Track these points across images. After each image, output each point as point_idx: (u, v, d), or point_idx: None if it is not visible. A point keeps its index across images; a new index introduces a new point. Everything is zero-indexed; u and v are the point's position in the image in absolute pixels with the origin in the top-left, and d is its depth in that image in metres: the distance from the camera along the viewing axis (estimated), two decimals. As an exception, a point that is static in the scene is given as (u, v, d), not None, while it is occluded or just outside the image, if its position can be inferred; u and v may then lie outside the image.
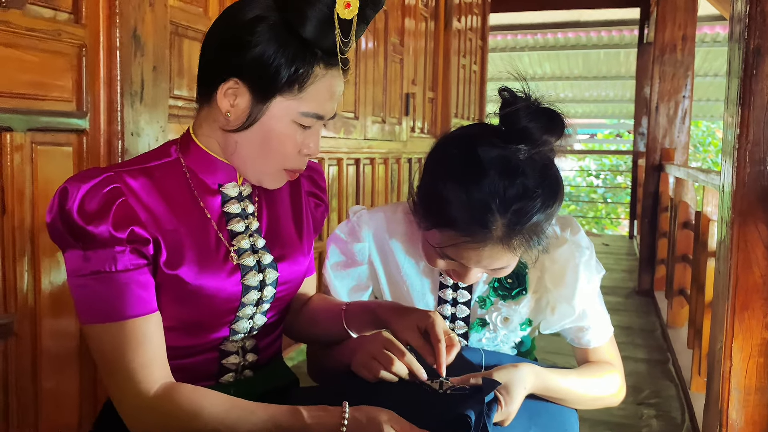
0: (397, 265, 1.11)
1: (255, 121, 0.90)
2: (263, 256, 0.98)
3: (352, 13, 0.86)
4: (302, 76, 0.88)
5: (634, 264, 5.28)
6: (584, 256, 1.05)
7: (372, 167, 3.61)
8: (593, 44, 7.92)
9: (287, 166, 0.94)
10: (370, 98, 3.43)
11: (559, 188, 0.92)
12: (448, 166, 0.92)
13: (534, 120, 0.89)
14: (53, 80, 1.45)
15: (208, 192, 0.96)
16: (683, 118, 3.96)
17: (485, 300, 1.08)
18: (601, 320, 1.11)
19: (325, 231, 3.04)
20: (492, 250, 0.90)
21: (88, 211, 0.83)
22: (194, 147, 0.95)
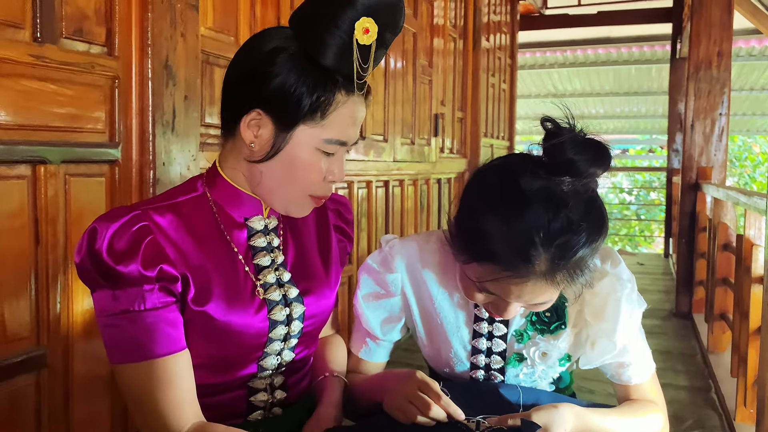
0: (431, 297, 1.08)
1: (279, 150, 0.90)
2: (289, 290, 0.98)
3: (371, 39, 0.87)
4: (324, 103, 0.88)
5: (670, 284, 5.14)
6: (626, 289, 1.01)
7: (401, 189, 3.58)
8: (624, 60, 7.82)
9: (313, 193, 0.94)
10: (399, 120, 3.42)
11: (604, 221, 0.89)
12: (488, 198, 0.89)
13: (580, 152, 0.86)
14: (87, 112, 1.47)
15: (234, 226, 0.96)
16: (720, 135, 3.86)
17: (523, 334, 1.05)
18: (643, 356, 1.07)
19: (355, 252, 3.02)
20: (535, 285, 0.87)
21: (118, 251, 0.83)
22: (220, 180, 0.96)
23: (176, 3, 1.65)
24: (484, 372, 1.07)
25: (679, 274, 4.14)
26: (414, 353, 1.21)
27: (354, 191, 2.99)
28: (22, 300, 1.34)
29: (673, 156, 6.59)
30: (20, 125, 1.30)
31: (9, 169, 1.29)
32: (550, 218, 0.84)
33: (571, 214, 0.84)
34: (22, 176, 1.32)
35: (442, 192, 4.26)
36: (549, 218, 0.84)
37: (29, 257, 1.35)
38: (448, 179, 4.32)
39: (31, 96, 1.31)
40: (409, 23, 3.47)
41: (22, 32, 1.30)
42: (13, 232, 1.31)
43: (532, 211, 0.84)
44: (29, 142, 1.31)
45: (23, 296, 1.34)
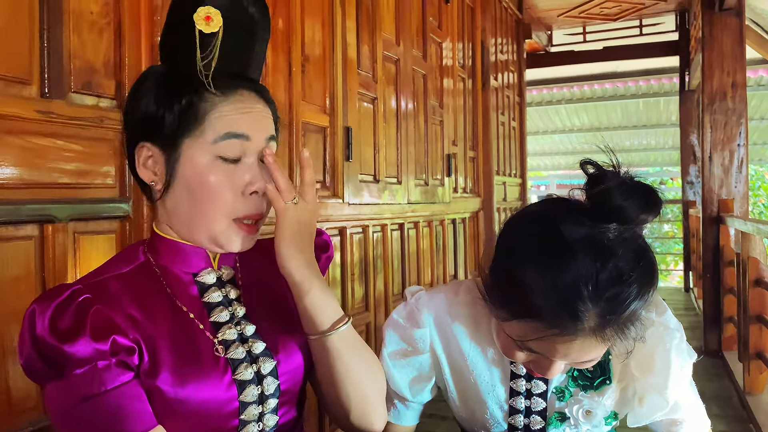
0: (462, 353, 1.01)
1: (174, 173, 0.84)
2: (254, 345, 0.87)
3: (215, 26, 0.81)
4: (189, 108, 0.82)
5: (695, 320, 4.99)
6: (675, 339, 0.94)
7: (416, 230, 3.51)
8: (631, 94, 7.83)
9: (235, 215, 0.85)
10: (412, 161, 3.38)
11: (655, 271, 0.82)
12: (527, 249, 0.82)
13: (629, 198, 0.79)
14: (96, 167, 1.42)
15: (182, 285, 0.86)
16: (740, 167, 3.79)
17: (564, 391, 0.97)
18: (697, 412, 0.99)
19: (371, 296, 2.93)
20: (583, 342, 0.80)
21: (62, 329, 0.73)
22: (158, 239, 0.88)
23: (187, 53, 1.61)
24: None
25: (705, 311, 4.01)
26: (436, 403, 1.10)
27: (369, 234, 2.92)
28: (28, 367, 1.26)
29: (687, 188, 6.51)
30: (27, 183, 1.24)
31: (15, 229, 1.23)
32: (598, 269, 0.77)
33: (621, 263, 0.78)
34: (28, 237, 1.26)
35: (457, 232, 4.18)
36: (597, 269, 0.77)
37: (36, 321, 1.27)
38: (462, 219, 4.25)
39: (38, 153, 1.26)
40: (418, 65, 3.46)
41: (29, 88, 1.26)
42: (20, 294, 1.24)
43: (578, 262, 0.77)
44: (36, 201, 1.26)
45: (29, 363, 1.26)
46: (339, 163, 2.56)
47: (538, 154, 9.50)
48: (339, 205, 2.58)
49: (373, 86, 2.89)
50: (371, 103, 2.89)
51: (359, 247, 2.84)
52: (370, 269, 2.93)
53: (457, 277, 4.18)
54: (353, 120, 2.68)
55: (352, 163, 2.66)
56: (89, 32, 1.39)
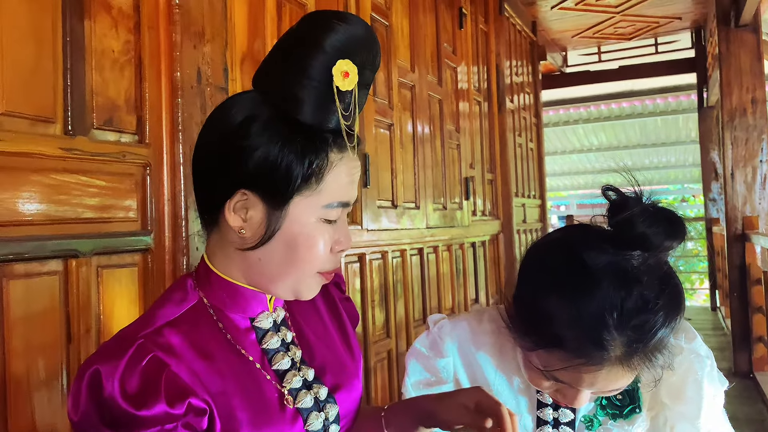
0: (487, 383, 0.99)
1: (275, 231, 0.78)
2: (319, 391, 0.85)
3: (352, 82, 0.76)
4: (318, 167, 0.77)
5: (723, 340, 4.88)
6: (706, 367, 0.92)
7: (436, 255, 3.50)
8: (649, 112, 7.78)
9: (321, 269, 0.81)
10: (429, 185, 3.38)
11: (681, 297, 0.81)
12: (551, 278, 0.82)
13: (654, 225, 0.78)
14: (119, 201, 1.44)
15: (240, 331, 0.82)
16: (763, 183, 3.73)
17: (592, 420, 0.95)
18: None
19: (392, 322, 2.92)
20: (609, 371, 0.79)
21: (135, 393, 0.69)
22: (215, 279, 0.82)
23: (205, 87, 1.64)
24: None
25: (734, 330, 3.93)
26: None
27: (388, 260, 2.92)
28: (54, 400, 1.27)
29: (710, 205, 6.42)
30: (51, 219, 1.26)
31: (40, 265, 1.25)
32: (622, 297, 0.76)
33: (646, 291, 0.77)
34: (53, 272, 1.28)
35: (477, 256, 4.16)
36: (622, 297, 0.76)
37: (60, 354, 1.29)
38: (482, 242, 4.23)
39: (62, 189, 1.28)
40: (434, 90, 3.48)
41: (53, 126, 1.29)
42: (44, 329, 1.26)
43: (602, 291, 0.76)
44: (60, 236, 1.28)
45: (55, 396, 1.27)
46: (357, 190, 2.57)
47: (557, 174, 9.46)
48: (358, 231, 2.59)
49: (389, 113, 2.91)
50: (387, 129, 2.91)
51: (379, 273, 2.84)
52: (390, 295, 2.92)
53: (479, 301, 4.14)
54: (370, 146, 2.69)
55: (370, 189, 2.67)
56: (111, 70, 1.43)
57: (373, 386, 2.72)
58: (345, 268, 2.52)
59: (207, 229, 0.84)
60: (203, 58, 1.64)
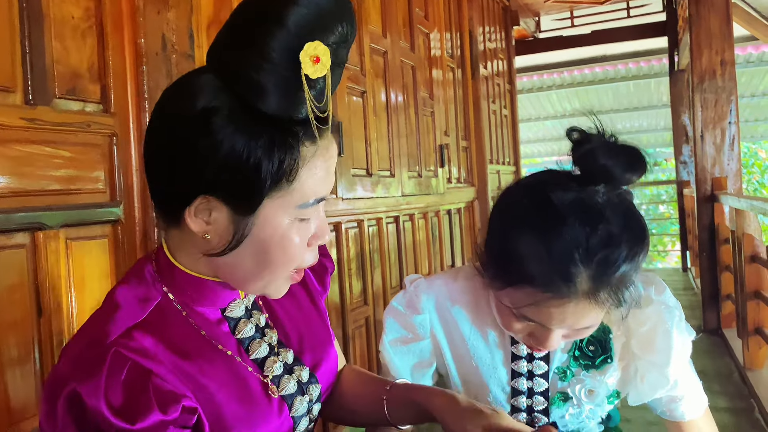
0: (462, 338, 1.01)
1: (244, 237, 0.70)
2: (301, 373, 0.82)
3: (324, 68, 0.64)
4: (288, 166, 0.67)
5: (693, 299, 5.01)
6: (675, 317, 0.95)
7: (412, 223, 3.51)
8: (622, 77, 7.82)
9: (298, 266, 0.75)
10: (404, 154, 3.37)
11: (645, 232, 0.83)
12: (520, 218, 0.84)
13: (614, 157, 0.80)
14: (85, 172, 1.41)
15: (212, 325, 0.77)
16: (731, 144, 3.79)
17: (566, 371, 0.98)
18: (696, 389, 1.00)
19: (369, 290, 2.94)
20: (577, 306, 0.80)
21: (123, 407, 0.63)
22: (180, 275, 0.75)
23: (171, 54, 1.61)
24: (527, 415, 1.00)
25: (703, 289, 4.03)
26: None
27: (364, 229, 2.92)
28: (26, 376, 1.26)
29: (681, 168, 6.52)
30: (16, 192, 1.24)
31: (6, 238, 1.23)
32: (587, 233, 0.78)
33: (610, 226, 0.79)
34: (20, 245, 1.25)
35: (453, 222, 4.18)
36: (587, 233, 0.78)
37: (31, 330, 1.27)
38: (458, 209, 4.25)
39: (26, 161, 1.25)
40: (407, 57, 3.45)
41: (13, 96, 1.25)
42: (13, 304, 1.24)
43: (568, 227, 0.79)
44: (26, 209, 1.25)
45: (27, 372, 1.26)
46: (331, 159, 2.55)
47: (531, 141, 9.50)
48: (333, 200, 2.58)
49: (362, 80, 2.88)
50: (360, 96, 2.88)
51: (355, 242, 2.84)
52: (367, 264, 2.93)
53: (455, 268, 4.18)
54: (344, 115, 2.67)
55: (344, 158, 2.66)
56: (72, 37, 1.39)
57: (352, 353, 2.74)
58: (320, 237, 2.51)
59: (166, 223, 0.75)
60: (168, 24, 1.60)
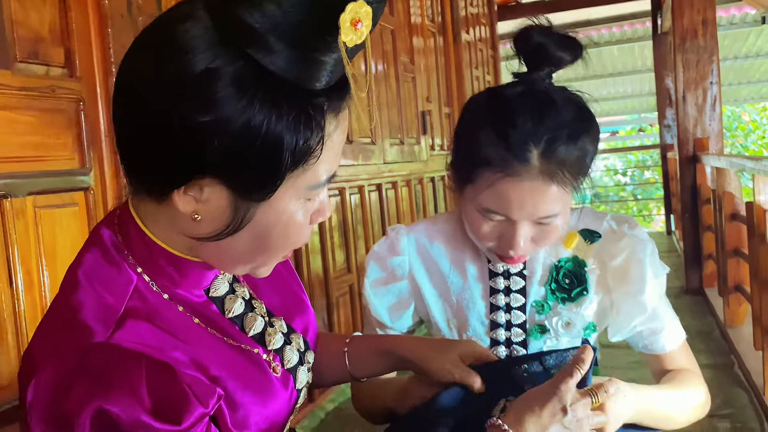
0: (442, 275, 1.04)
1: (245, 224, 0.60)
2: (299, 342, 0.79)
3: (363, 34, 0.56)
4: (311, 145, 0.58)
5: (677, 261, 5.05)
6: (648, 249, 0.98)
7: (395, 191, 3.50)
8: (605, 41, 7.76)
9: (296, 246, 0.67)
10: (385, 121, 3.34)
11: (592, 117, 0.90)
12: (477, 114, 0.92)
13: (547, 36, 0.89)
14: (52, 139, 1.38)
15: (199, 308, 0.68)
16: (713, 105, 3.79)
17: (543, 305, 1.00)
18: (674, 321, 1.02)
19: (353, 258, 2.93)
20: (532, 186, 0.86)
21: (160, 408, 0.57)
22: (157, 251, 0.64)
23: (138, 16, 1.56)
24: (506, 347, 1.02)
25: (686, 249, 4.06)
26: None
27: (346, 197, 2.90)
28: (1, 348, 1.24)
29: (665, 132, 6.52)
30: (-22, 159, 1.21)
31: (-29, 207, 1.20)
32: (536, 117, 0.86)
33: (558, 109, 0.86)
34: (-14, 214, 1.23)
35: (437, 190, 4.17)
36: (536, 117, 0.86)
37: (3, 302, 1.25)
38: (441, 177, 4.23)
39: (-13, 126, 1.22)
40: (386, 21, 3.39)
41: (-30, 58, 1.21)
42: (-17, 274, 1.22)
43: (518, 112, 0.86)
44: (-10, 176, 1.22)
45: (1, 344, 1.24)
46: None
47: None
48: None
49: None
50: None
51: (337, 211, 2.83)
52: (350, 233, 2.92)
53: (440, 235, 4.17)
54: (321, 80, 2.63)
55: (322, 125, 2.62)
56: (31, -2, 1.34)
57: (336, 321, 2.74)
58: (301, 205, 2.49)
59: (141, 193, 0.63)
60: (132, -15, 1.55)
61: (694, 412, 0.98)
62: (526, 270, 1.01)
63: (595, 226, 1.01)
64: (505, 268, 1.01)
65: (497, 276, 1.01)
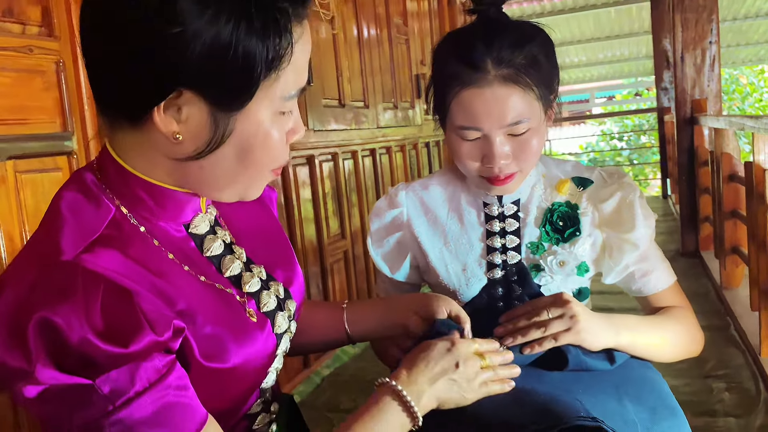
0: (439, 222, 1.08)
1: (226, 137, 0.62)
2: (278, 289, 0.78)
3: None
4: (281, 50, 0.61)
5: (673, 225, 5.05)
6: (637, 192, 1.03)
7: (389, 156, 3.45)
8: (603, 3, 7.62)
9: (275, 166, 0.68)
10: (378, 85, 3.27)
11: (543, 31, 0.98)
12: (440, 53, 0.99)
13: None
14: (31, 101, 1.33)
15: (177, 243, 0.69)
16: (712, 65, 3.72)
17: (538, 245, 1.04)
18: (664, 263, 1.05)
19: (347, 225, 2.90)
20: (493, 91, 0.92)
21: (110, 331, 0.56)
22: (134, 181, 0.65)
23: (117, -28, 1.50)
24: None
25: (682, 212, 4.04)
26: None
27: (339, 163, 2.86)
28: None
29: (662, 95, 6.45)
30: (-47, 122, 1.16)
31: (-52, 172, 1.16)
32: (488, 33, 0.94)
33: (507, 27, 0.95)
34: (-37, 179, 1.19)
35: (432, 155, 4.13)
36: (488, 33, 0.94)
37: (-14, 267, 1.22)
38: (436, 142, 4.18)
39: (-40, 87, 1.17)
40: (378, -19, 3.30)
41: (-61, 15, 1.15)
42: (-36, 241, 1.18)
43: (472, 34, 0.95)
44: (-33, 140, 1.18)
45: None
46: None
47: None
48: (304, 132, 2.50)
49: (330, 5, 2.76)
50: (329, 22, 2.76)
51: (330, 177, 2.78)
52: (344, 200, 2.88)
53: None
54: (312, 42, 2.56)
55: (313, 86, 2.56)
56: (2, -48, 1.28)
57: (331, 288, 2.73)
58: (292, 171, 2.45)
59: (116, 124, 0.64)
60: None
61: (683, 343, 1.02)
62: (520, 212, 1.05)
63: (587, 174, 1.06)
64: (500, 211, 1.06)
65: (493, 219, 1.06)
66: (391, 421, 0.73)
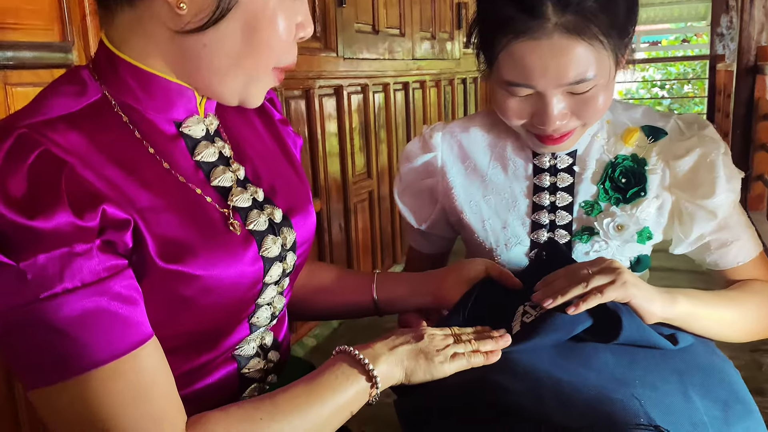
0: (479, 171, 0.97)
1: (231, 6, 0.60)
2: (273, 212, 0.71)
3: None
4: None
5: (716, 181, 4.81)
6: (721, 149, 0.88)
7: (422, 91, 3.24)
8: (660, -63, 7.10)
9: (279, 63, 0.65)
10: (417, 12, 3.03)
11: None
12: None
13: None
14: (24, 2, 1.17)
15: (164, 139, 0.65)
16: (785, 8, 3.40)
17: (593, 205, 0.91)
18: (748, 231, 0.91)
19: (374, 164, 2.74)
20: (552, 43, 0.78)
21: (21, 197, 0.52)
22: (124, 66, 0.63)
23: None
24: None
25: (731, 169, 3.80)
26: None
27: (369, 96, 2.66)
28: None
29: (717, 41, 6.03)
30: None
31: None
32: None
33: None
34: (-57, 89, 1.04)
35: (468, 93, 3.90)
36: None
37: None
38: (474, 78, 3.94)
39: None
40: None
41: None
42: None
43: None
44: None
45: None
46: (330, 8, 2.24)
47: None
48: (333, 59, 2.30)
49: None
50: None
51: (359, 111, 2.60)
52: (372, 136, 2.71)
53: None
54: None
55: (345, 9, 2.34)
56: None
57: (353, 228, 2.59)
58: (318, 102, 2.27)
59: (108, 6, 0.62)
60: None
61: (757, 319, 0.88)
62: (576, 166, 0.92)
63: (661, 123, 0.92)
64: (551, 163, 0.93)
65: (543, 172, 0.94)
66: (342, 380, 0.67)
